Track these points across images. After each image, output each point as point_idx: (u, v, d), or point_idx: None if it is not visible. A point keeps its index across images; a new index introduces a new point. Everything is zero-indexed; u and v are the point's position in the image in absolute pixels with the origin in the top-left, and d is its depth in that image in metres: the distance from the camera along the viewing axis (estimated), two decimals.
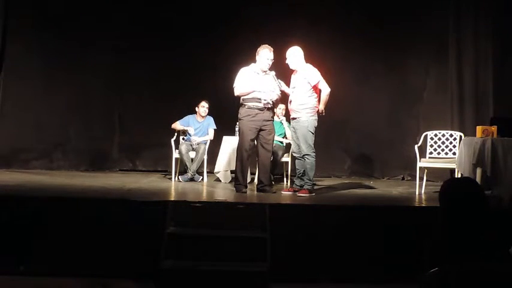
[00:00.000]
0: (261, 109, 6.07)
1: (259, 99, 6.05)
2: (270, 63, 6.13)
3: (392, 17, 8.23)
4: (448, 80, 8.00)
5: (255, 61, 6.20)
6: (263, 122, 6.08)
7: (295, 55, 6.09)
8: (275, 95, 6.15)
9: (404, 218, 5.10)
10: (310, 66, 6.08)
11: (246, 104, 6.10)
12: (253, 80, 6.10)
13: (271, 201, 5.48)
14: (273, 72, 6.17)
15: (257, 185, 6.30)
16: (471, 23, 7.80)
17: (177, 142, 7.50)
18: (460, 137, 6.59)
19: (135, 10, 8.41)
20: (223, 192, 6.42)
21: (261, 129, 6.10)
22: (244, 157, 6.10)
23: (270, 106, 6.14)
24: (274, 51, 6.12)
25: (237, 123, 6.61)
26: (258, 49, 6.15)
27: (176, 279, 4.58)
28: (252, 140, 6.12)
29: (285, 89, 6.22)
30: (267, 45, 6.15)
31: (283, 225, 4.95)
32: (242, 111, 6.12)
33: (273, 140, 6.31)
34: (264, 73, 6.16)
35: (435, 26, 8.13)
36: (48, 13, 8.33)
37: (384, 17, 8.24)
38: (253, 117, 6.06)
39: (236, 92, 6.14)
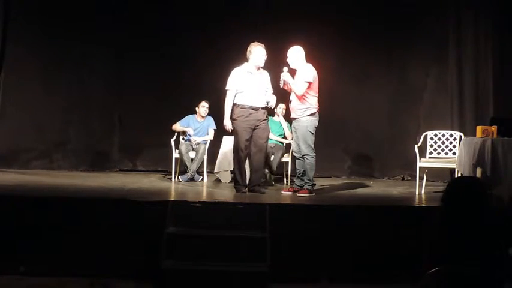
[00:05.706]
0: (254, 109, 6.07)
1: (252, 100, 6.03)
2: (265, 58, 6.11)
3: (393, 17, 8.20)
4: (448, 80, 7.99)
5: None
6: (257, 121, 6.07)
7: (296, 54, 6.07)
8: (268, 96, 6.12)
9: (405, 218, 5.10)
10: (309, 66, 6.07)
11: (239, 104, 6.08)
12: (246, 81, 6.07)
13: (271, 201, 5.48)
14: (286, 68, 6.03)
15: (248, 184, 6.19)
16: (471, 23, 7.78)
17: (177, 142, 7.49)
18: (460, 137, 6.59)
19: (135, 10, 8.39)
20: (223, 192, 6.42)
21: (255, 129, 6.08)
22: (241, 157, 6.09)
23: (263, 106, 6.13)
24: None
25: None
26: (249, 48, 6.09)
27: (176, 279, 4.59)
28: (247, 140, 6.08)
29: (290, 81, 6.00)
30: (257, 42, 6.12)
31: (283, 225, 4.95)
32: (236, 112, 6.10)
33: (267, 139, 6.27)
34: (258, 71, 6.13)
35: (435, 25, 8.11)
36: (48, 13, 8.31)
37: (384, 16, 8.22)
38: (246, 117, 6.04)
39: (228, 96, 6.08)
